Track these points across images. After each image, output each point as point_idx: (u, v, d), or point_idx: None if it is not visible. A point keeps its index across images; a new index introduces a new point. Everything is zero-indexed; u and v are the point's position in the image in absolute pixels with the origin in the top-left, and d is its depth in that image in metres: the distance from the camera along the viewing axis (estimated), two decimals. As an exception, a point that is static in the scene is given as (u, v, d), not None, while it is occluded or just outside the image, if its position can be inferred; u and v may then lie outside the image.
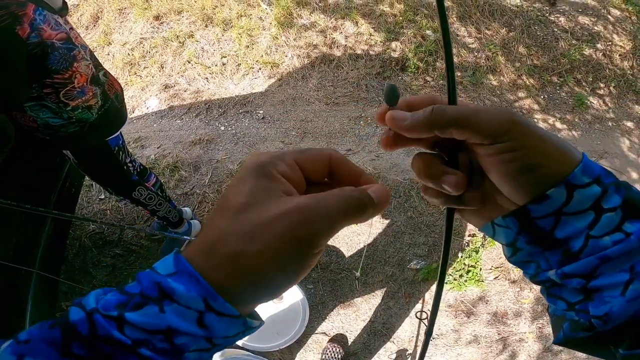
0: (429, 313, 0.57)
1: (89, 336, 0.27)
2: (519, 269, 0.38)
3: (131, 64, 2.99)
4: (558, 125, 2.96)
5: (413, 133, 0.34)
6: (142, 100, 2.90)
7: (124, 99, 1.52)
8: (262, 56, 2.94)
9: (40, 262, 1.58)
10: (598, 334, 0.31)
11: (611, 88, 3.23)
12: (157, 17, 3.13)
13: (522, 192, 0.32)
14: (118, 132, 1.51)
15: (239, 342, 1.76)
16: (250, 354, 1.73)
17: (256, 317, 0.34)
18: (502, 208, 0.35)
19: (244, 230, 0.29)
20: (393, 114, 0.35)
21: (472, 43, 3.18)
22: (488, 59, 3.11)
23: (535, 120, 2.97)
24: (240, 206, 0.30)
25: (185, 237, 1.90)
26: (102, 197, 2.32)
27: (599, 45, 3.36)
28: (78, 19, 3.23)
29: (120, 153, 1.58)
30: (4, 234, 1.43)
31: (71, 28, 1.27)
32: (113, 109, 1.42)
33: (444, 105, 0.34)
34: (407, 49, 3.01)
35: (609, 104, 3.17)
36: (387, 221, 2.24)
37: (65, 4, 1.31)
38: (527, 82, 3.12)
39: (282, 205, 0.29)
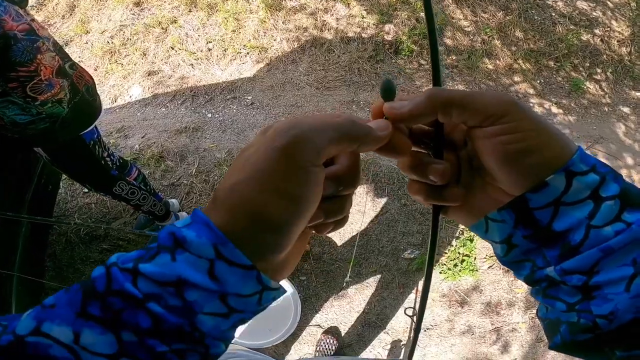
0: (417, 309, 0.54)
1: (104, 291, 0.27)
2: (511, 270, 0.36)
3: (111, 52, 2.86)
4: (554, 109, 2.91)
5: (414, 118, 0.33)
6: (124, 88, 2.79)
7: (96, 91, 1.43)
8: (249, 40, 2.82)
9: (20, 263, 1.51)
10: (600, 335, 0.29)
11: (608, 74, 3.18)
12: (137, 4, 2.99)
13: (520, 178, 0.31)
14: (92, 126, 1.42)
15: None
16: (243, 348, 1.68)
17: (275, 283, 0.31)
18: (496, 202, 0.34)
19: (238, 166, 0.30)
20: (392, 104, 0.34)
21: (468, 26, 3.09)
22: (484, 43, 3.02)
23: (531, 104, 2.92)
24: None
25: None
26: (86, 190, 2.22)
27: (597, 31, 3.29)
28: (53, 8, 3.08)
29: (97, 147, 1.49)
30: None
31: (32, 20, 1.20)
32: (84, 102, 1.33)
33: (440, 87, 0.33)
34: (400, 32, 2.91)
35: (606, 90, 3.12)
36: (380, 209, 2.18)
37: None
38: (523, 66, 3.05)
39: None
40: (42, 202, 1.69)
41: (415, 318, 0.52)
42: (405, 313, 1.92)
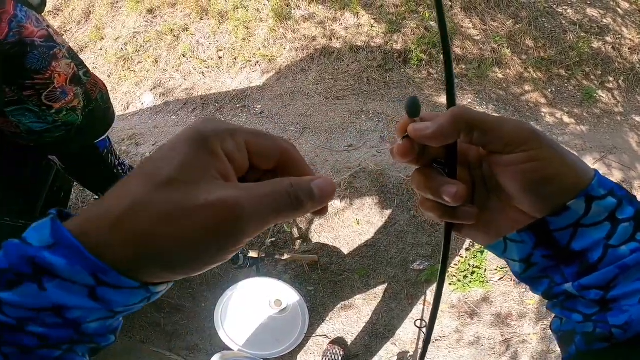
0: (427, 321, 0.54)
1: None
2: (528, 285, 0.37)
3: (125, 58, 2.90)
4: (566, 119, 2.88)
5: (438, 139, 0.33)
6: (136, 96, 2.82)
7: (109, 98, 1.44)
8: (259, 49, 2.85)
9: None
10: (615, 345, 0.30)
11: (620, 82, 3.14)
12: (150, 11, 3.03)
13: (542, 203, 0.32)
14: (106, 134, 1.44)
15: (235, 349, 1.71)
16: (249, 356, 1.69)
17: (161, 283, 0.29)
18: (514, 222, 0.34)
19: (162, 211, 0.25)
20: (415, 125, 0.34)
21: (477, 35, 3.07)
22: (494, 52, 3.01)
23: (543, 114, 2.89)
24: (166, 180, 0.25)
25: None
26: (97, 197, 2.25)
27: (608, 39, 3.26)
28: (70, 14, 3.14)
29: (110, 156, 1.51)
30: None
31: (48, 26, 1.20)
32: (98, 109, 1.35)
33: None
34: (409, 41, 2.91)
35: (618, 98, 3.08)
36: (389, 220, 2.17)
37: (43, 1, 1.24)
38: (534, 75, 3.03)
39: (211, 192, 0.26)
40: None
41: (425, 330, 0.51)
42: (415, 325, 1.91)
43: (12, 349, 0.25)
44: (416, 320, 1.94)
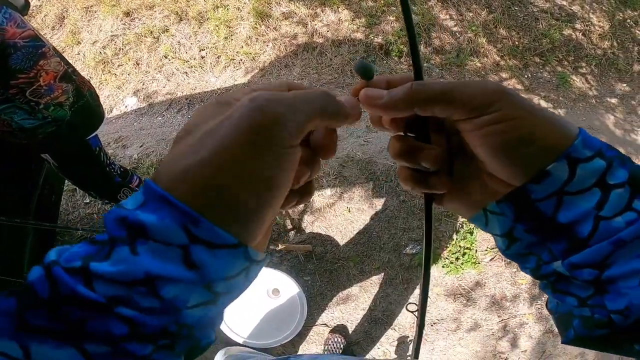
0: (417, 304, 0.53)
1: (49, 298, 0.21)
2: (515, 263, 0.34)
3: (104, 62, 2.86)
4: (543, 103, 2.98)
5: (390, 112, 0.31)
6: (119, 99, 2.79)
7: (98, 97, 1.45)
8: (242, 47, 2.85)
9: (28, 272, 1.51)
10: (617, 330, 0.27)
11: (592, 67, 3.27)
12: (127, 14, 3.00)
13: (517, 169, 0.28)
14: (97, 131, 1.43)
15: (239, 340, 1.70)
16: (253, 350, 1.68)
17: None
18: (495, 192, 0.31)
19: (193, 141, 0.24)
20: (367, 91, 0.32)
21: (454, 26, 3.16)
22: (470, 41, 3.09)
23: (521, 99, 2.98)
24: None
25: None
26: (87, 201, 2.21)
27: (577, 25, 3.39)
28: (42, 19, 3.08)
29: (102, 154, 1.52)
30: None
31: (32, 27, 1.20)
32: (89, 105, 1.35)
33: (424, 80, 0.31)
34: (389, 34, 2.96)
35: (592, 82, 3.21)
36: (380, 207, 2.20)
37: (27, 2, 1.24)
38: (510, 62, 3.13)
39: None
40: (46, 212, 1.69)
41: (417, 313, 0.51)
42: (407, 309, 1.94)
43: (96, 345, 0.21)
44: (407, 304, 1.97)
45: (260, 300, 1.73)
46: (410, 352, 2.01)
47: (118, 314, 0.21)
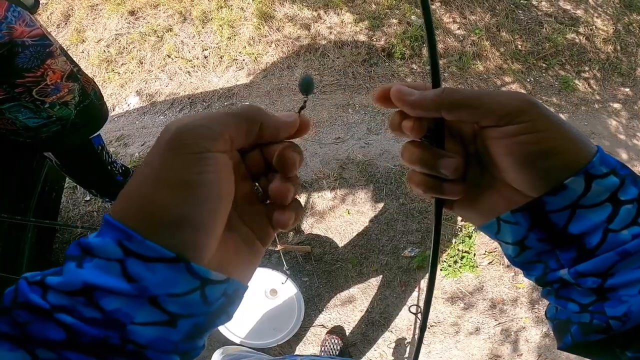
0: (422, 307, 0.53)
1: (10, 305, 0.24)
2: (521, 270, 0.35)
3: (108, 60, 2.88)
4: (545, 107, 2.97)
5: (417, 110, 0.32)
6: (122, 97, 2.81)
7: (102, 96, 1.46)
8: (245, 47, 2.86)
9: (27, 269, 1.52)
10: (612, 336, 0.28)
11: (595, 71, 3.25)
12: (132, 12, 3.02)
13: (538, 181, 0.29)
14: (100, 130, 1.45)
15: (237, 340, 1.71)
16: (250, 350, 1.69)
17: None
18: (508, 201, 0.32)
19: (138, 170, 0.28)
20: (400, 87, 0.32)
21: (457, 29, 3.15)
22: (473, 44, 3.09)
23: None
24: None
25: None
26: (88, 198, 2.23)
27: (581, 30, 3.38)
28: (48, 17, 3.10)
29: (104, 153, 1.53)
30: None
31: (40, 26, 1.21)
32: (93, 105, 1.36)
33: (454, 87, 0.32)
34: (392, 36, 2.97)
35: (594, 87, 3.20)
36: (379, 209, 2.21)
37: (37, 1, 1.26)
38: (513, 66, 3.12)
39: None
40: (47, 209, 1.70)
41: (420, 316, 0.51)
42: (409, 310, 1.94)
43: (43, 351, 0.23)
44: (410, 306, 1.98)
45: (258, 300, 1.74)
46: (407, 355, 2.02)
47: (57, 320, 0.23)
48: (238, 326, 1.73)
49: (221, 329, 1.72)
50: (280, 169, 0.31)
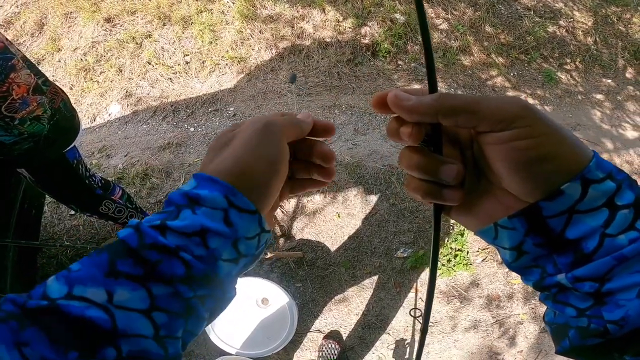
0: (422, 309, 0.52)
1: (137, 247, 0.29)
2: (518, 275, 0.35)
3: (86, 69, 2.80)
4: (530, 100, 2.99)
5: (414, 116, 0.32)
6: (102, 107, 2.73)
7: (73, 107, 1.39)
8: (227, 51, 2.81)
9: (12, 286, 1.49)
10: (609, 340, 0.29)
11: (577, 63, 3.29)
12: (108, 20, 2.94)
13: (534, 186, 0.29)
14: (74, 144, 1.38)
15: (232, 351, 1.67)
16: (247, 358, 1.66)
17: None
18: (505, 207, 0.33)
19: (219, 145, 0.37)
20: (397, 93, 0.33)
21: (441, 24, 3.15)
22: (457, 39, 3.09)
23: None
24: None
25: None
26: (72, 212, 2.16)
27: (561, 22, 3.41)
28: (21, 26, 3.00)
29: (80, 167, 1.46)
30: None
31: (5, 38, 1.14)
32: (63, 118, 1.30)
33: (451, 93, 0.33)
34: (376, 34, 2.95)
35: (577, 79, 3.23)
36: (369, 211, 2.19)
37: None
38: (497, 60, 3.14)
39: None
40: (27, 227, 1.64)
41: (421, 319, 0.49)
42: (410, 314, 1.92)
43: (159, 287, 0.28)
44: (411, 310, 1.96)
45: (250, 310, 1.70)
46: (407, 356, 2.00)
47: (181, 257, 0.29)
48: (232, 337, 1.69)
49: (216, 340, 1.68)
50: (323, 160, 0.41)
